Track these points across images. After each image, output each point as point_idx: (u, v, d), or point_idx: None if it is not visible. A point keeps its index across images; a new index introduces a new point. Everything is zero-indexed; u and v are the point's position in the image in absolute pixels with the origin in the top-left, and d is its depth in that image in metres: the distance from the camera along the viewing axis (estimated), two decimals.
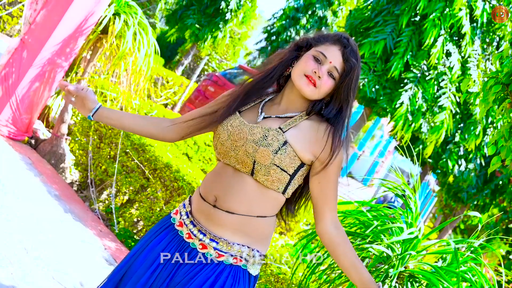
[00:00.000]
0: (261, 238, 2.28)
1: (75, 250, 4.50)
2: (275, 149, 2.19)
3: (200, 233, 2.27)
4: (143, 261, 2.30)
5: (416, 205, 3.22)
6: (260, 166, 2.20)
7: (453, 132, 10.28)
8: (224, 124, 2.30)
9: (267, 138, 2.20)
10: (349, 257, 2.28)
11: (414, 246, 3.00)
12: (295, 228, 8.01)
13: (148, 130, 2.44)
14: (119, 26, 6.15)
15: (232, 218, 2.23)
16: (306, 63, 2.26)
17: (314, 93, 2.25)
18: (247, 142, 2.22)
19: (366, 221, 3.21)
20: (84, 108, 2.38)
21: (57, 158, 6.21)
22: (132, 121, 2.42)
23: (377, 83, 9.09)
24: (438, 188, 13.93)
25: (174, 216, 2.38)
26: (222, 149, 2.28)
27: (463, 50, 9.06)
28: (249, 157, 2.21)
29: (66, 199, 5.41)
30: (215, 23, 14.18)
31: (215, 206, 2.25)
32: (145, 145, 5.53)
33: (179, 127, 2.46)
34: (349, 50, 2.25)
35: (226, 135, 2.27)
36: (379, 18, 9.06)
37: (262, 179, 2.21)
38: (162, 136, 2.46)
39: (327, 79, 2.25)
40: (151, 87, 14.39)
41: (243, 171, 2.23)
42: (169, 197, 5.27)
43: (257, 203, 2.24)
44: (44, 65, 5.91)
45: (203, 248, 2.24)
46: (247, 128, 2.25)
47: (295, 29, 17.34)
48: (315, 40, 2.32)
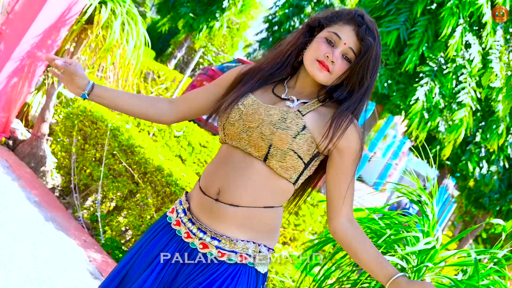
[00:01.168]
0: (268, 231, 2.28)
1: (57, 262, 4.49)
2: (294, 133, 2.19)
3: (200, 231, 2.26)
4: (140, 268, 2.30)
5: (434, 212, 3.21)
6: (276, 151, 2.19)
7: (474, 131, 10.27)
8: (234, 102, 2.30)
9: (286, 120, 2.20)
10: (371, 252, 2.29)
11: (431, 257, 2.99)
12: (300, 237, 8.00)
13: (144, 111, 2.44)
14: (106, 15, 6.15)
15: (236, 211, 2.22)
16: (317, 47, 2.27)
17: (328, 78, 2.26)
18: (264, 124, 2.21)
19: (378, 230, 3.20)
20: (72, 84, 2.34)
21: (37, 160, 6.21)
22: (128, 101, 2.41)
23: (389, 77, 9.08)
24: (458, 193, 13.92)
25: (170, 215, 2.38)
26: (231, 130, 2.28)
27: (484, 41, 9.05)
28: (264, 140, 2.20)
29: (47, 206, 5.41)
30: (211, 11, 14.17)
31: (217, 200, 2.24)
32: (134, 147, 5.53)
33: (178, 107, 2.48)
34: (364, 28, 2.24)
35: (238, 114, 2.27)
36: (392, 6, 9.05)
37: (276, 165, 2.21)
38: (158, 118, 2.47)
39: (341, 63, 2.25)
40: (141, 82, 14.39)
41: (255, 155, 2.22)
42: (160, 204, 5.26)
43: (265, 192, 2.24)
44: (23, 59, 5.91)
45: (204, 247, 2.24)
46: (262, 109, 2.25)
47: (299, 19, 17.33)
48: (327, 19, 2.32)
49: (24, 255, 4.25)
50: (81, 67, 2.35)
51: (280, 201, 2.30)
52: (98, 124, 5.80)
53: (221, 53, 21.52)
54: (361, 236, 2.31)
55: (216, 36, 14.96)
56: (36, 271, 4.13)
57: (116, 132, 5.65)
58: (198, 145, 7.81)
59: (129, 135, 5.63)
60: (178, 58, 16.96)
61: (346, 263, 3.26)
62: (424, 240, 3.01)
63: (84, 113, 5.89)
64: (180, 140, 7.79)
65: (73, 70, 2.32)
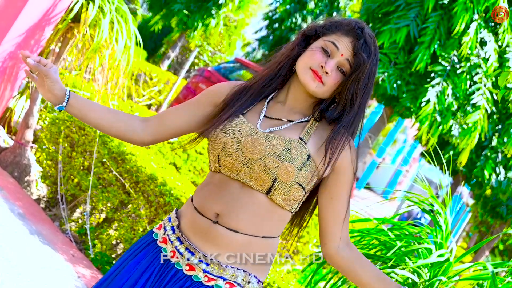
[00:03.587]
0: (262, 262, 2.29)
1: (43, 278, 4.49)
2: (299, 165, 2.21)
3: (188, 251, 2.26)
4: (121, 286, 2.30)
5: (447, 222, 3.22)
6: (281, 185, 2.21)
7: (489, 135, 10.27)
8: (229, 130, 2.28)
9: (291, 151, 2.21)
10: (371, 270, 2.33)
11: (444, 270, 3.00)
12: (303, 250, 8.00)
13: (116, 128, 2.39)
14: (93, 13, 6.16)
15: (234, 237, 2.24)
16: (312, 55, 2.28)
17: (320, 90, 2.27)
18: (267, 156, 2.21)
19: (387, 241, 3.21)
20: (44, 89, 2.29)
21: (21, 169, 6.21)
22: (99, 114, 2.36)
23: (399, 77, 9.09)
24: (473, 201, 13.91)
25: (157, 231, 2.38)
26: (229, 162, 2.26)
27: (500, 38, 9.06)
28: (268, 174, 2.21)
29: (32, 218, 5.41)
30: (206, 8, 14.18)
31: (216, 223, 2.25)
32: (125, 154, 5.53)
33: (152, 127, 2.42)
34: (361, 42, 2.25)
35: (236, 144, 2.26)
36: (401, 1, 9.06)
37: (279, 198, 2.23)
38: (129, 137, 2.41)
39: (335, 75, 2.27)
40: (132, 85, 14.39)
41: (257, 189, 2.23)
42: (153, 215, 5.27)
43: (265, 222, 2.26)
44: (4, 60, 5.92)
45: (190, 269, 2.24)
46: (263, 138, 2.24)
47: (302, 15, 17.38)
48: (325, 28, 2.33)
49: (7, 271, 4.25)
50: (55, 70, 2.29)
51: (278, 231, 2.32)
52: (86, 130, 5.81)
53: (218, 52, 21.52)
54: (359, 257, 2.35)
55: (212, 35, 15.00)
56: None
57: (105, 138, 5.66)
58: (193, 152, 7.82)
59: (119, 142, 5.63)
60: (172, 58, 16.98)
61: None
62: (437, 252, 3.02)
63: (71, 118, 5.90)
64: (175, 147, 7.79)
65: (44, 71, 2.25)
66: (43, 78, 2.28)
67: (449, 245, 3.15)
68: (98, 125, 2.37)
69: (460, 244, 21.11)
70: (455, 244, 3.23)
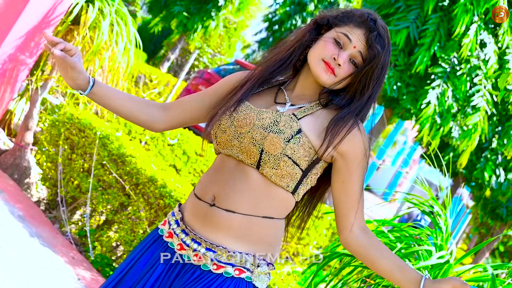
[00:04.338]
0: (268, 244, 2.29)
1: (43, 281, 4.49)
2: (287, 137, 2.20)
3: (194, 242, 2.27)
4: (131, 284, 2.31)
5: (447, 223, 3.22)
6: (269, 157, 2.21)
7: (489, 137, 10.27)
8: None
9: (279, 124, 2.22)
10: (391, 259, 2.32)
11: (445, 272, 3.00)
12: (304, 252, 8.00)
13: (137, 115, 2.42)
14: (93, 15, 6.17)
15: (233, 218, 2.24)
16: (324, 47, 2.28)
17: (331, 81, 2.28)
18: (254, 128, 2.23)
19: (387, 243, 3.21)
20: (66, 76, 2.27)
21: (21, 172, 6.22)
22: (120, 102, 2.39)
23: (399, 79, 9.09)
24: (473, 203, 13.91)
25: (162, 227, 2.39)
26: (223, 138, 2.29)
27: (500, 40, 9.06)
28: (256, 145, 2.22)
29: (32, 220, 5.41)
30: (206, 10, 14.19)
31: (213, 205, 2.26)
32: (125, 156, 5.53)
33: (170, 113, 2.46)
34: (375, 35, 2.26)
35: (229, 121, 2.29)
36: (401, 3, 9.07)
37: (269, 172, 2.22)
38: (149, 124, 2.45)
39: (347, 67, 2.27)
40: (132, 87, 14.39)
41: (248, 163, 2.24)
42: (153, 217, 5.27)
43: (263, 201, 2.25)
44: (4, 62, 5.92)
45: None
46: (254, 113, 2.27)
47: (301, 17, 17.38)
48: (337, 19, 2.33)
49: (8, 272, 4.25)
50: (80, 57, 2.26)
51: (280, 212, 2.31)
52: (86, 132, 5.81)
53: (218, 54, 21.53)
54: (377, 244, 2.34)
55: (212, 37, 15.00)
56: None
57: (105, 140, 5.66)
58: (193, 153, 7.82)
59: (119, 144, 5.64)
60: (172, 60, 16.97)
61: (354, 279, 3.27)
62: (437, 254, 3.02)
63: (71, 120, 5.91)
64: (175, 149, 7.80)
65: (71, 63, 2.22)
66: (66, 68, 2.26)
67: (449, 247, 3.15)
68: (118, 112, 2.40)
69: (460, 246, 21.11)
70: (455, 246, 3.23)
